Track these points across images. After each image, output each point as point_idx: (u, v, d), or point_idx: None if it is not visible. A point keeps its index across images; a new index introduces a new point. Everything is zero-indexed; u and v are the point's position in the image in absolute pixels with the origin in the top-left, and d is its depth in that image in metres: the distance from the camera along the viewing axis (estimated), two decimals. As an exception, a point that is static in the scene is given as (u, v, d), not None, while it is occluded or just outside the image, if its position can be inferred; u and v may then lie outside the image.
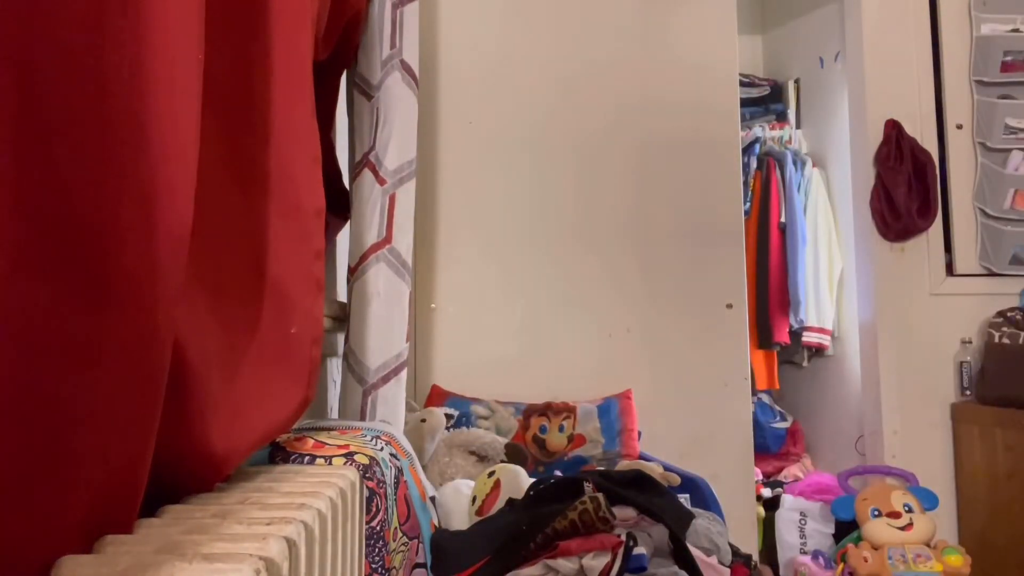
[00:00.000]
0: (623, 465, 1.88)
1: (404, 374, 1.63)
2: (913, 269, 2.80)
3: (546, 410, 2.12)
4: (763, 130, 3.34)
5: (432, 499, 1.47)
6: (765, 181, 3.24)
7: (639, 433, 2.15)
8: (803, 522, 2.63)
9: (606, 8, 2.48)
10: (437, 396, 2.25)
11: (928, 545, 2.30)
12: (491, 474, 1.57)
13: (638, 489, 1.41)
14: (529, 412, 2.13)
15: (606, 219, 2.42)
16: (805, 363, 3.28)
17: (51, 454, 0.50)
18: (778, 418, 3.32)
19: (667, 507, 1.39)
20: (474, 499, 1.54)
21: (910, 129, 2.81)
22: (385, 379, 1.59)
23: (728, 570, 1.39)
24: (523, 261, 2.38)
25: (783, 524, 2.64)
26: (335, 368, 1.84)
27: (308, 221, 1.01)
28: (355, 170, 1.69)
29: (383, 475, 1.03)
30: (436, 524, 1.41)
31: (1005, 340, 2.64)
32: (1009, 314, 2.71)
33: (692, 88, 2.46)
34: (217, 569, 0.49)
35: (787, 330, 3.17)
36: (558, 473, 1.78)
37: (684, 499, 1.68)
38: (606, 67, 2.46)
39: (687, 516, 1.42)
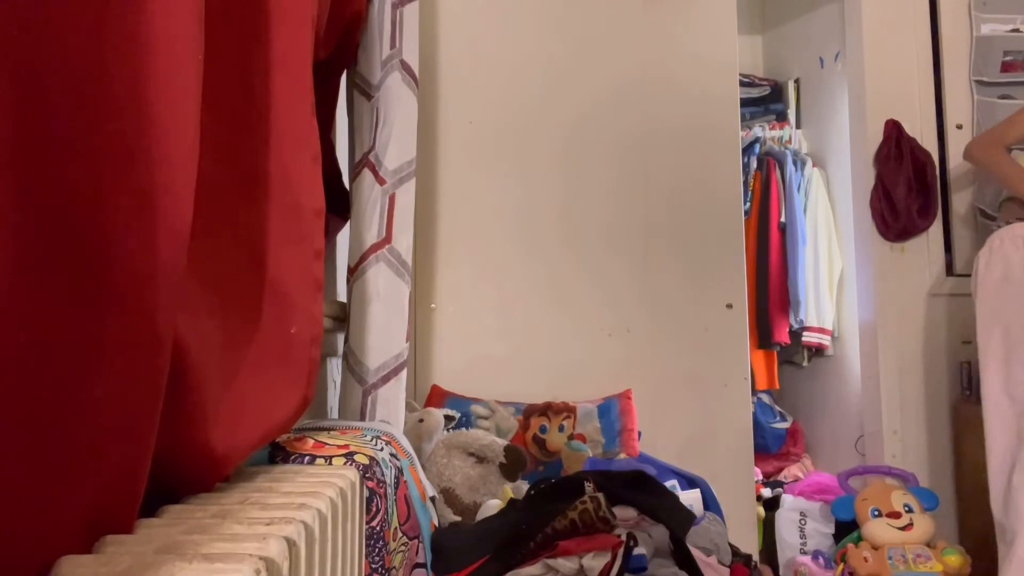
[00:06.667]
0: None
1: (404, 374, 1.63)
2: (913, 269, 2.79)
3: (546, 410, 2.12)
4: (763, 130, 3.34)
5: (432, 499, 1.47)
6: (765, 181, 3.24)
7: (639, 433, 2.15)
8: (803, 522, 2.62)
9: (607, 10, 2.48)
10: (437, 396, 2.24)
11: (928, 545, 2.29)
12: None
13: (638, 489, 1.41)
14: (529, 412, 2.13)
15: (607, 219, 2.42)
16: (805, 363, 3.28)
17: (51, 454, 0.50)
18: (778, 418, 3.32)
19: (667, 507, 1.39)
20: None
21: (910, 129, 2.81)
22: (385, 379, 1.59)
23: (728, 570, 1.39)
24: (523, 261, 2.38)
25: (783, 524, 2.64)
26: (335, 368, 1.84)
27: (308, 221, 1.01)
28: (355, 170, 1.69)
29: (383, 475, 1.03)
30: (436, 524, 1.41)
31: (1005, 340, 2.63)
32: (1009, 314, 2.70)
33: (693, 88, 2.46)
34: (217, 569, 0.50)
35: (787, 330, 3.17)
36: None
37: (694, 495, 1.68)
38: (608, 67, 2.46)
39: (688, 516, 1.42)
